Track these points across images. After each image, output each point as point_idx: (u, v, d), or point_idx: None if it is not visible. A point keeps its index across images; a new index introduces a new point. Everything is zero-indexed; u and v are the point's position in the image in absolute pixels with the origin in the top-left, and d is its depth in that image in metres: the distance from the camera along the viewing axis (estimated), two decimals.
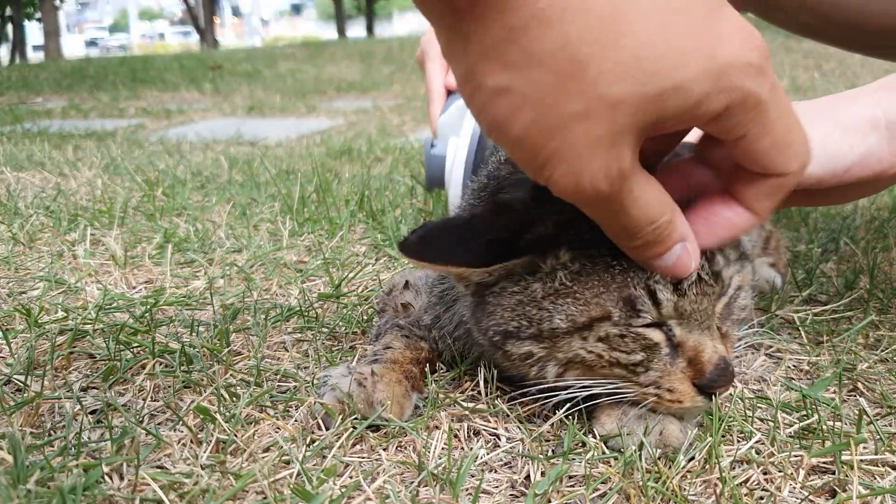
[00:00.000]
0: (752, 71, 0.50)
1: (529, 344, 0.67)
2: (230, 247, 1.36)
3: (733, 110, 0.51)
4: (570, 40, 0.47)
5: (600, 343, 0.65)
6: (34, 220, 1.51)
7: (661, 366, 0.66)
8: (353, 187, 1.94)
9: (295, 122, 4.66)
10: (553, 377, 0.68)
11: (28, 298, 1.09)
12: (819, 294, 1.11)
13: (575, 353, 0.66)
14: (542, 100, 0.49)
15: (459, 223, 0.71)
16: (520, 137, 0.51)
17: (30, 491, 0.57)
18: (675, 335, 0.66)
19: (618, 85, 0.48)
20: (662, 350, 0.66)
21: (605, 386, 0.67)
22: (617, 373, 0.66)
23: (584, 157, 0.50)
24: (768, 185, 0.58)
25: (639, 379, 0.66)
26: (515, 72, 0.49)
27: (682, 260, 0.60)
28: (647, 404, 0.67)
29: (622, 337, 0.64)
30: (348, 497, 0.61)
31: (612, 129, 0.49)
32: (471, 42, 0.50)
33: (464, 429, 0.73)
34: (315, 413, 0.73)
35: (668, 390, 0.66)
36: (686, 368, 0.66)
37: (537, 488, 0.61)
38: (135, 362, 0.85)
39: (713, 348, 0.66)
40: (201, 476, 0.61)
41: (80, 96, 6.65)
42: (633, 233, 0.57)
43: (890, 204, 1.72)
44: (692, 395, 0.65)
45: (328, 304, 1.08)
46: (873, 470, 0.66)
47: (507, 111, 0.50)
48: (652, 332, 0.65)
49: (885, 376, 0.85)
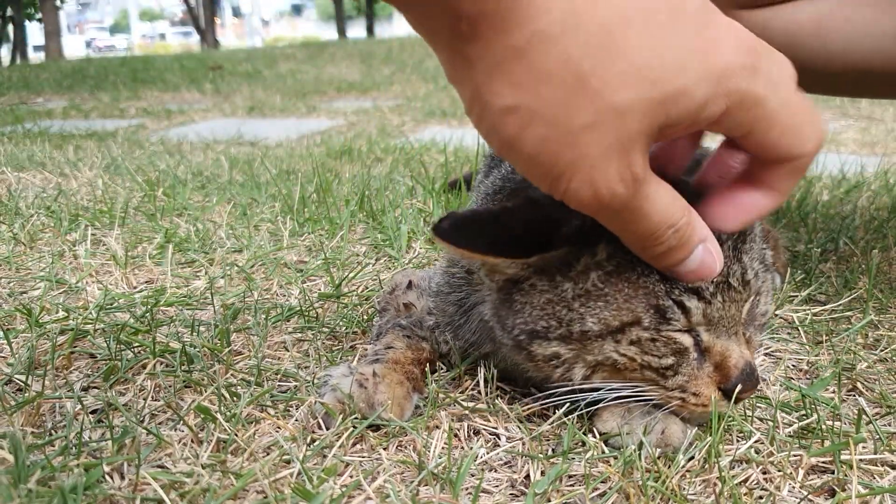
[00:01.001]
0: (746, 73, 0.52)
1: (557, 345, 0.66)
2: (231, 247, 1.37)
3: (733, 111, 0.52)
4: (571, 56, 0.49)
5: (633, 346, 0.64)
6: (35, 220, 1.51)
7: (690, 370, 0.66)
8: (353, 187, 1.94)
9: (295, 123, 4.66)
10: (579, 379, 0.67)
11: (29, 298, 1.09)
12: (818, 294, 1.11)
13: (606, 356, 0.65)
14: (552, 115, 0.50)
15: (490, 214, 0.70)
16: (532, 154, 0.52)
17: (31, 490, 0.57)
18: (703, 340, 0.66)
19: (623, 93, 0.49)
20: (691, 354, 0.66)
21: (632, 388, 0.67)
22: (647, 376, 0.66)
23: (598, 166, 0.51)
24: (786, 169, 0.58)
25: (667, 382, 0.66)
26: (522, 90, 0.50)
27: (705, 262, 0.60)
28: (670, 407, 0.67)
29: (654, 341, 0.64)
30: (349, 496, 0.61)
31: (622, 135, 0.50)
32: (475, 64, 0.51)
33: (464, 428, 0.73)
34: (315, 413, 0.73)
35: (694, 394, 0.66)
36: (713, 373, 0.66)
37: (537, 487, 0.61)
38: (135, 362, 0.85)
39: (740, 353, 0.66)
40: (202, 475, 0.61)
41: (81, 96, 6.66)
42: (654, 239, 0.58)
43: (889, 204, 1.72)
44: (718, 399, 0.66)
45: (329, 303, 1.08)
46: (872, 469, 0.66)
47: (517, 129, 0.51)
48: (682, 336, 0.65)
49: (884, 376, 0.85)
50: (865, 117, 4.21)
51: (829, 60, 0.97)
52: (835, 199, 1.82)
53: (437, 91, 6.12)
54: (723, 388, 0.66)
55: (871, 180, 2.03)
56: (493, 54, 0.49)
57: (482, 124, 0.53)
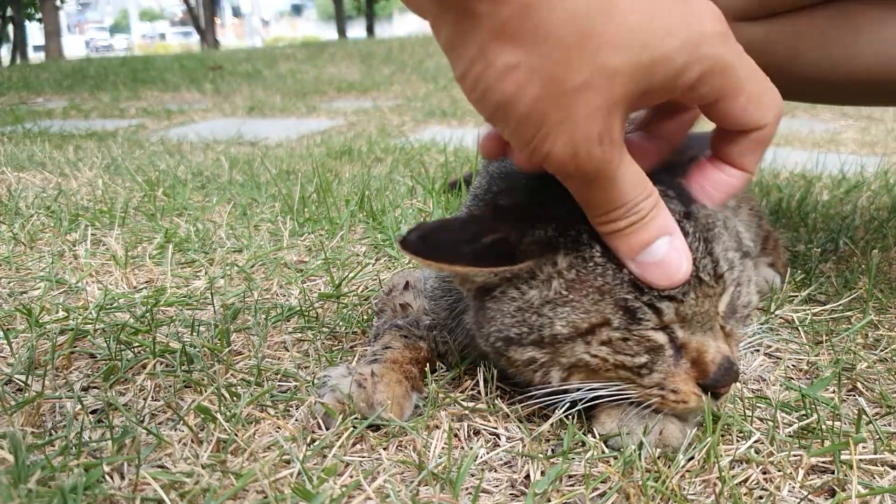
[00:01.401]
0: (719, 39, 0.55)
1: (532, 350, 0.67)
2: (231, 247, 1.37)
3: (706, 77, 0.56)
4: (577, 14, 0.51)
5: (604, 347, 0.65)
6: (35, 220, 1.51)
7: (665, 367, 0.66)
8: (353, 187, 1.94)
9: (295, 123, 4.66)
10: (558, 381, 0.68)
11: (29, 298, 1.09)
12: (818, 294, 1.11)
13: (578, 358, 0.66)
14: (550, 74, 0.52)
15: (459, 223, 0.71)
16: (525, 113, 0.54)
17: (31, 490, 0.57)
18: (678, 337, 0.66)
19: (616, 55, 0.52)
20: (666, 351, 0.66)
21: (610, 388, 0.67)
22: (622, 375, 0.66)
23: (582, 127, 0.54)
24: (750, 141, 0.62)
25: (643, 381, 0.66)
26: (526, 48, 0.52)
27: (670, 258, 0.61)
28: (651, 405, 0.67)
29: (625, 340, 0.64)
30: (348, 496, 0.61)
31: (609, 98, 0.53)
32: (482, 23, 0.52)
33: (464, 428, 0.73)
34: (315, 413, 0.73)
35: (673, 391, 0.66)
36: (690, 369, 0.66)
37: (537, 487, 0.61)
38: (135, 362, 0.85)
39: (717, 348, 0.66)
40: (202, 475, 0.61)
41: (81, 96, 6.65)
42: (618, 211, 0.59)
43: (889, 204, 1.72)
44: (697, 395, 0.66)
45: (328, 303, 1.08)
46: (872, 469, 0.66)
47: (515, 87, 0.53)
48: (656, 333, 0.65)
49: (884, 376, 0.85)
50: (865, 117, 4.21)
51: (833, 70, 0.97)
52: (835, 199, 1.82)
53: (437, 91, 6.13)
54: (702, 384, 0.65)
55: (871, 180, 2.03)
56: (503, 12, 0.51)
57: (478, 85, 0.55)
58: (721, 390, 0.66)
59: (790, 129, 3.80)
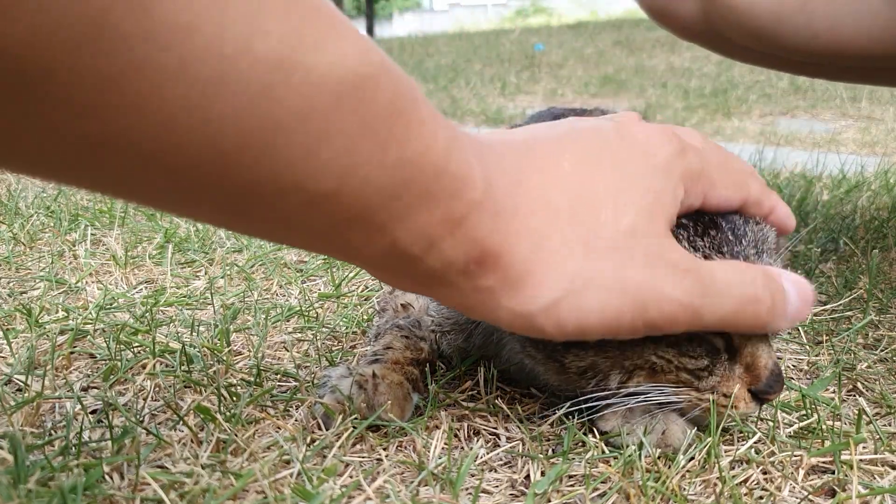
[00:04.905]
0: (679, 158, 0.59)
1: (594, 354, 0.65)
2: (230, 247, 1.36)
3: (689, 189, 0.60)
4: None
5: (670, 348, 0.64)
6: (35, 220, 1.51)
7: (722, 371, 0.66)
8: None
9: None
10: (615, 385, 0.67)
11: (29, 298, 1.09)
12: (818, 294, 1.11)
13: (645, 360, 0.65)
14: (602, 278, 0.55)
15: None
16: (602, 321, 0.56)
17: (30, 490, 0.57)
18: (734, 341, 0.66)
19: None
20: (723, 355, 0.66)
21: (664, 391, 0.66)
22: (682, 377, 0.66)
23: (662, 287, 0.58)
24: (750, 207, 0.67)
25: (700, 384, 0.66)
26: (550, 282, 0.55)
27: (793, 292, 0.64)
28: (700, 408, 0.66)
29: (690, 341, 0.64)
30: (348, 496, 0.61)
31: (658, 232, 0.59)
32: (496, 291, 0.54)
33: (464, 428, 0.73)
34: (315, 413, 0.73)
35: (724, 395, 0.66)
36: (743, 374, 0.66)
37: (537, 487, 0.61)
38: (135, 362, 0.85)
39: (769, 354, 0.66)
40: (202, 475, 0.61)
41: None
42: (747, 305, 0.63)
43: (889, 204, 1.72)
44: (747, 400, 0.66)
45: (329, 303, 1.08)
46: (873, 469, 0.66)
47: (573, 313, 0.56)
48: (715, 338, 0.65)
49: (884, 376, 0.85)
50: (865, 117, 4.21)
51: (814, 37, 0.96)
52: (835, 199, 1.81)
53: (437, 91, 6.12)
54: (752, 390, 0.66)
55: (871, 180, 2.03)
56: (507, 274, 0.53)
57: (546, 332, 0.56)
58: (770, 397, 0.66)
59: (790, 129, 3.80)
